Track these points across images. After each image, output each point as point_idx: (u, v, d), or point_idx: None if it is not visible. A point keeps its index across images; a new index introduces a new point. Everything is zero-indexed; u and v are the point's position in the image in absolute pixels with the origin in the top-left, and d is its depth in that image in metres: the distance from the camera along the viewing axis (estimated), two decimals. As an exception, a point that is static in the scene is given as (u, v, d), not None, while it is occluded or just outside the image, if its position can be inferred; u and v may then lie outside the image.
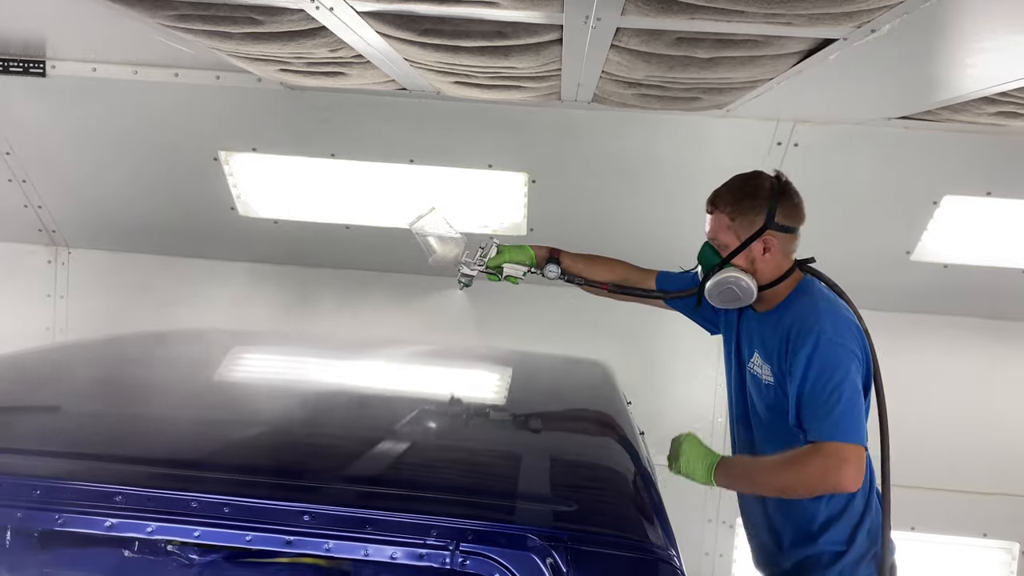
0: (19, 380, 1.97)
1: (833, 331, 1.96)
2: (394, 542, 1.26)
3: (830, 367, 1.92)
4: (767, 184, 2.11)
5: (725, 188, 2.15)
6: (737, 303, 2.12)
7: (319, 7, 1.89)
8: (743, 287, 2.07)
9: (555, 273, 2.40)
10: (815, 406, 1.91)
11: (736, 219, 2.09)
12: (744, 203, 2.09)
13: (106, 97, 3.50)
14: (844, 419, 1.89)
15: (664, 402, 3.81)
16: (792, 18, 1.65)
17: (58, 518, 1.29)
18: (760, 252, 2.08)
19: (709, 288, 2.11)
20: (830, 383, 1.91)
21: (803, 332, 1.97)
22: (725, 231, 2.11)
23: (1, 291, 4.30)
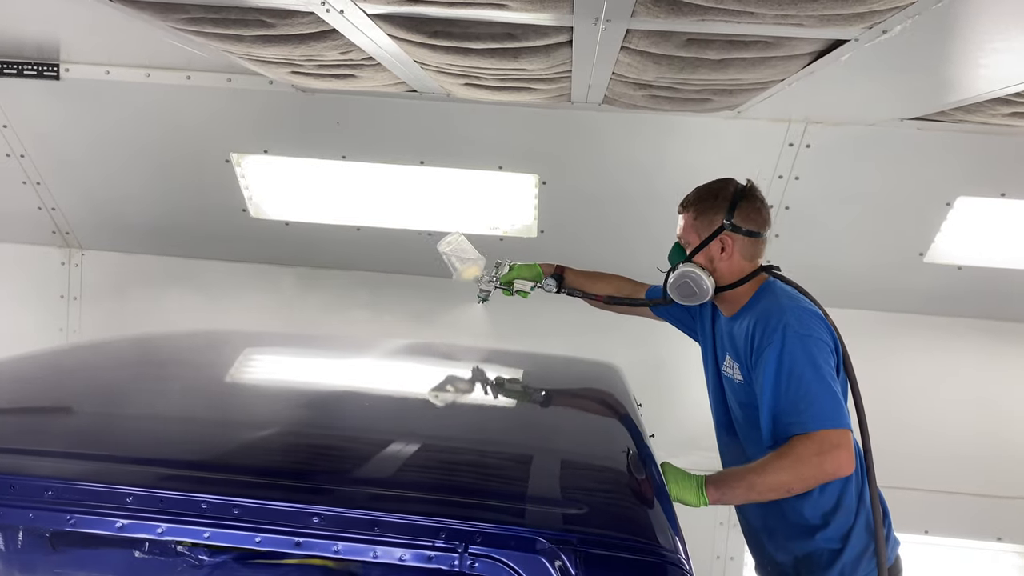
0: (32, 381, 1.98)
1: (798, 323, 2.00)
2: (403, 544, 1.25)
3: (801, 360, 1.95)
4: (731, 188, 2.20)
5: (694, 191, 2.26)
6: (694, 299, 2.19)
7: (329, 10, 1.90)
8: (698, 282, 2.15)
9: (552, 287, 2.62)
10: (794, 400, 1.93)
11: (698, 218, 2.19)
12: (706, 203, 2.19)
13: (119, 100, 3.53)
14: (824, 406, 1.91)
15: (674, 405, 3.80)
16: (803, 19, 1.64)
17: (69, 518, 1.29)
18: (718, 251, 2.16)
19: (670, 283, 2.20)
20: (804, 375, 1.93)
21: (768, 329, 2.01)
22: (689, 230, 2.21)
23: (16, 292, 4.33)
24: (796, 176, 3.46)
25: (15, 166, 3.89)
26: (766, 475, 1.91)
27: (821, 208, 3.61)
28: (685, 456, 4.04)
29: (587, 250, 3.79)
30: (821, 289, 2.49)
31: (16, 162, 3.88)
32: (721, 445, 2.37)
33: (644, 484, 1.54)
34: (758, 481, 1.91)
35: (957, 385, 4.01)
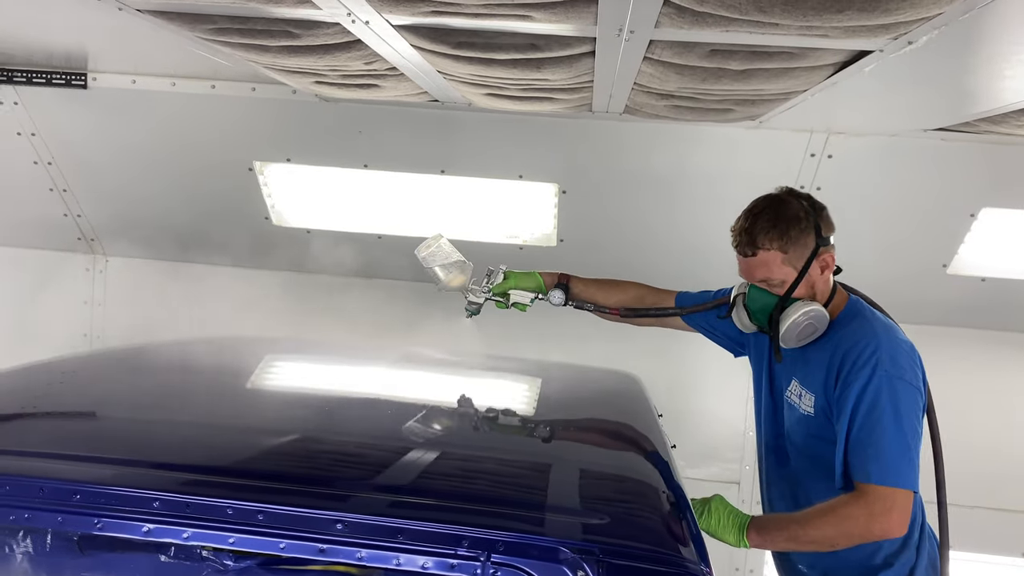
0: (60, 386, 2.01)
1: (891, 363, 1.82)
2: (426, 552, 1.26)
3: (884, 404, 1.78)
4: (797, 204, 1.97)
5: (761, 225, 1.94)
6: (815, 336, 1.96)
7: (355, 20, 1.92)
8: (818, 317, 1.93)
9: (559, 299, 2.35)
10: (865, 445, 1.79)
11: (789, 250, 1.92)
12: (792, 232, 1.92)
13: (145, 108, 3.57)
14: (896, 461, 1.76)
15: (695, 415, 3.79)
16: (828, 30, 1.64)
17: (97, 522, 1.31)
18: (819, 273, 1.96)
19: (786, 333, 1.93)
20: (882, 421, 1.78)
21: (859, 363, 1.83)
22: (779, 267, 1.94)
23: (41, 298, 4.38)
24: (818, 187, 3.44)
25: (43, 173, 3.95)
26: (811, 528, 1.80)
27: (843, 219, 3.53)
28: (706, 467, 4.03)
29: (607, 259, 3.79)
30: None
31: (44, 169, 3.93)
32: (767, 470, 2.19)
33: (667, 495, 1.54)
34: (801, 533, 1.81)
35: (981, 398, 3.97)
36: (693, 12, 1.61)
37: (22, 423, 1.76)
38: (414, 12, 1.82)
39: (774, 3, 1.46)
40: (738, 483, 4.00)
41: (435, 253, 2.37)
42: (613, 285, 2.44)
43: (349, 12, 1.85)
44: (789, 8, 1.47)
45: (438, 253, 2.37)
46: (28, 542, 1.33)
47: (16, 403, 1.86)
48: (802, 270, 1.93)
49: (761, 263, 1.94)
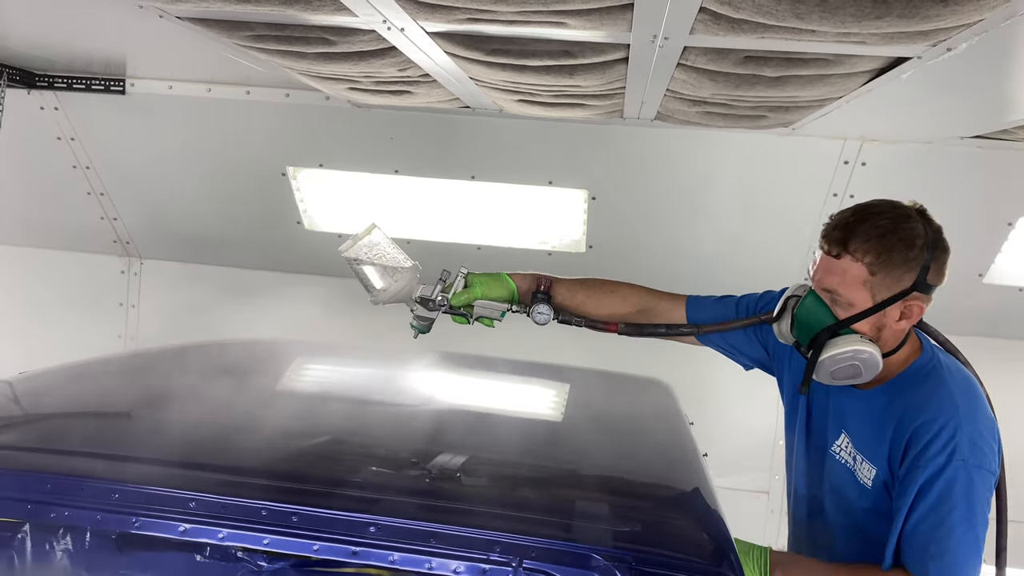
0: (98, 386, 2.04)
1: (971, 449, 1.53)
2: (458, 556, 1.26)
3: (957, 498, 1.53)
4: (921, 228, 1.60)
5: (867, 227, 1.59)
6: (852, 381, 1.65)
7: (390, 28, 1.93)
8: (868, 363, 1.60)
9: (545, 317, 1.85)
10: (928, 540, 1.55)
11: (878, 274, 1.58)
12: (895, 255, 1.57)
13: (181, 114, 3.63)
14: (956, 566, 1.53)
15: (724, 423, 3.76)
16: (866, 37, 1.62)
17: (135, 521, 1.33)
18: (895, 319, 1.61)
19: (823, 362, 1.62)
20: (952, 516, 1.53)
21: (934, 446, 1.54)
22: (857, 287, 1.59)
23: (77, 300, 4.47)
24: (851, 194, 3.41)
25: (81, 177, 4.02)
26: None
27: (876, 227, 3.55)
28: (735, 476, 3.99)
29: (636, 266, 3.76)
30: None
31: (82, 173, 4.01)
32: (797, 517, 1.92)
33: (700, 504, 1.53)
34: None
35: (1020, 409, 3.89)
36: (729, 19, 1.61)
37: (63, 422, 1.79)
38: (449, 19, 1.84)
39: (812, 10, 1.45)
40: (767, 492, 3.96)
41: (368, 250, 1.85)
42: (605, 290, 1.97)
43: (385, 19, 1.87)
44: (827, 15, 1.46)
45: (372, 250, 1.85)
46: (68, 540, 1.36)
47: (56, 402, 1.89)
48: (879, 304, 1.59)
49: (839, 269, 1.61)
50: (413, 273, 1.89)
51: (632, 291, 1.99)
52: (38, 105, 3.77)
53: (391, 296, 1.87)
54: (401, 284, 1.86)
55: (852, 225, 1.61)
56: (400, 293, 1.87)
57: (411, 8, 1.77)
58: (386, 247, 1.88)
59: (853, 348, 1.59)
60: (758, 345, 1.93)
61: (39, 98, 3.75)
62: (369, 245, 1.86)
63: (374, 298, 1.88)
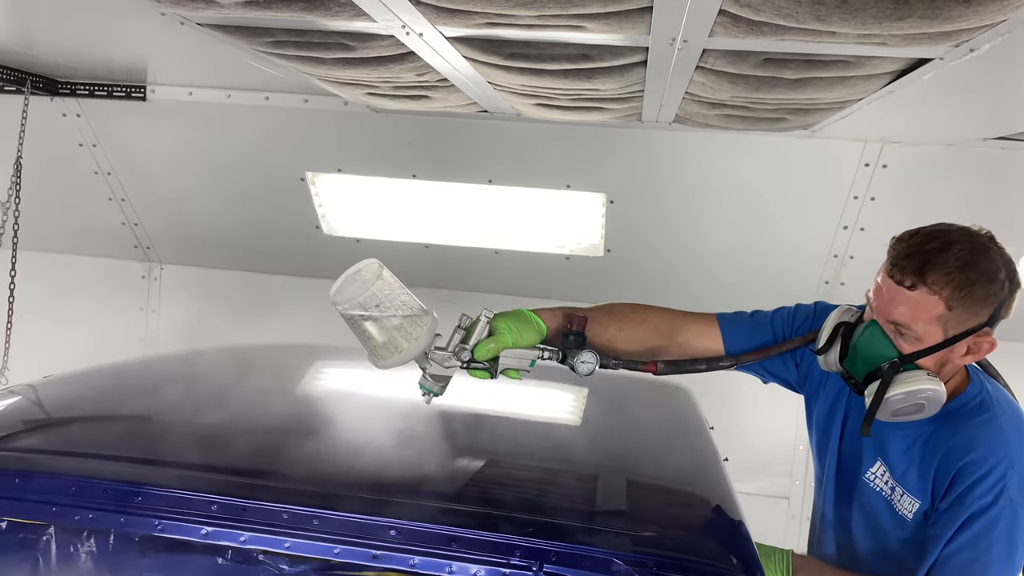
0: (120, 390, 2.06)
1: (1020, 491, 1.48)
2: (479, 560, 1.27)
3: (998, 536, 1.48)
4: (999, 262, 1.49)
5: (950, 261, 1.46)
6: (912, 418, 1.55)
7: (409, 33, 1.94)
8: (932, 400, 1.50)
9: (591, 366, 1.62)
10: (961, 571, 1.50)
11: (956, 308, 1.47)
12: (977, 291, 1.47)
13: (200, 120, 3.67)
14: None
15: (745, 428, 3.73)
16: (887, 38, 1.61)
17: (158, 524, 1.34)
18: (961, 353, 1.52)
19: (887, 402, 1.51)
20: (991, 553, 1.48)
21: (981, 484, 1.48)
22: (930, 321, 1.48)
23: (99, 304, 4.51)
24: (872, 197, 3.38)
25: (102, 183, 4.07)
26: None
27: (897, 229, 3.51)
28: (754, 481, 3.96)
29: (654, 270, 3.77)
30: None
31: (103, 179, 4.05)
32: (824, 544, 1.85)
33: (721, 509, 1.52)
34: None
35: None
36: (749, 21, 1.60)
37: (86, 426, 1.81)
38: (468, 24, 1.84)
39: (832, 12, 1.44)
40: (788, 498, 3.93)
41: (373, 299, 1.44)
42: (635, 320, 1.79)
43: (404, 25, 1.88)
44: (848, 17, 1.45)
45: (379, 299, 1.45)
46: (92, 542, 1.37)
47: (81, 406, 1.91)
48: (949, 339, 1.49)
49: (913, 303, 1.48)
50: (432, 324, 1.51)
51: (659, 317, 1.81)
52: (61, 112, 3.81)
53: (409, 357, 1.49)
54: (415, 340, 1.47)
55: (930, 255, 1.48)
56: (413, 351, 1.48)
57: (430, 13, 1.78)
58: (398, 292, 1.48)
59: (924, 387, 1.49)
60: (791, 365, 1.83)
61: (62, 105, 3.80)
62: (378, 293, 1.45)
63: (383, 363, 1.50)
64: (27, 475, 1.42)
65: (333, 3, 1.76)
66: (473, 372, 1.60)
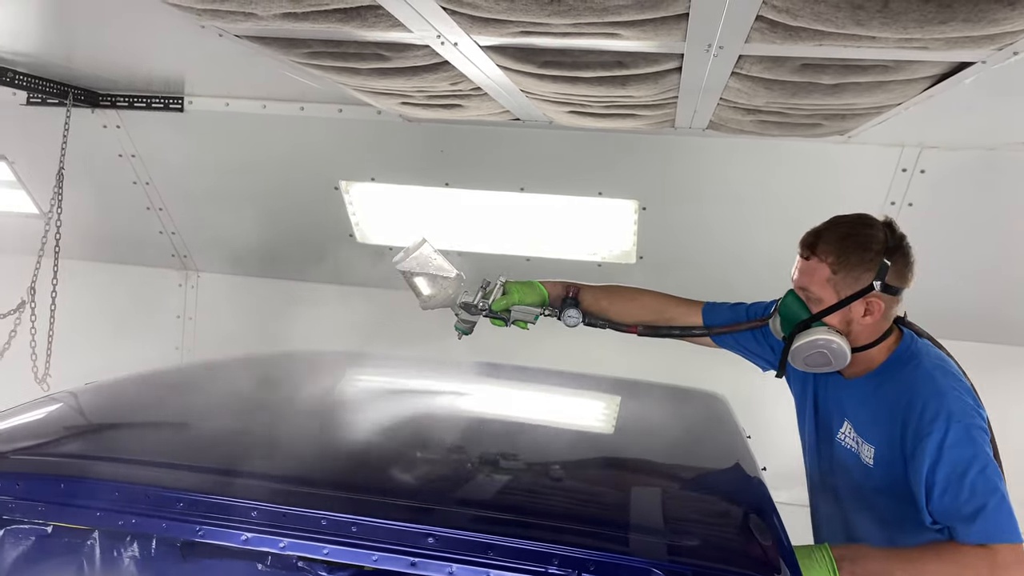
0: (160, 397, 2.09)
1: (961, 410, 1.68)
2: (516, 569, 1.26)
3: (967, 457, 1.64)
4: (881, 235, 1.81)
5: (830, 232, 1.84)
6: (825, 369, 1.85)
7: (444, 43, 1.95)
8: (836, 352, 1.80)
9: (575, 320, 2.10)
10: (958, 504, 1.63)
11: (839, 272, 1.80)
12: (852, 255, 1.79)
13: (237, 130, 3.72)
14: (996, 516, 1.61)
15: (783, 437, 3.68)
16: (928, 42, 1.59)
17: (199, 530, 1.36)
18: (860, 314, 1.80)
19: (795, 349, 1.83)
20: (969, 475, 1.63)
21: (926, 416, 1.69)
22: (822, 284, 1.82)
23: (137, 312, 4.59)
24: (909, 203, 3.33)
25: (141, 193, 4.14)
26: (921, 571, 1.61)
27: (936, 236, 3.46)
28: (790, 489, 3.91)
29: (687, 277, 3.74)
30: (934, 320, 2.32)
31: (142, 189, 4.12)
32: (819, 512, 2.05)
33: (760, 519, 1.50)
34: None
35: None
36: (786, 27, 1.59)
37: (128, 432, 1.84)
38: (503, 33, 1.85)
39: (873, 16, 1.42)
40: (824, 508, 3.87)
41: (418, 262, 2.06)
42: (627, 296, 2.21)
43: (439, 35, 1.89)
44: (889, 21, 1.44)
45: (422, 262, 2.06)
46: (135, 547, 1.39)
47: (122, 413, 1.94)
48: (842, 301, 1.79)
49: (809, 269, 1.84)
50: (458, 282, 2.09)
51: (651, 298, 2.22)
52: (101, 124, 3.89)
53: (438, 302, 2.08)
54: (447, 292, 2.07)
55: (819, 231, 1.86)
56: (446, 300, 2.08)
57: (465, 23, 1.79)
58: (434, 259, 2.08)
59: (819, 337, 1.80)
60: (767, 347, 2.11)
61: (102, 117, 3.88)
62: (419, 257, 2.07)
63: (423, 304, 2.09)
64: (72, 481, 1.44)
65: (370, 14, 1.78)
66: (493, 321, 2.15)
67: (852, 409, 1.88)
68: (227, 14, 1.86)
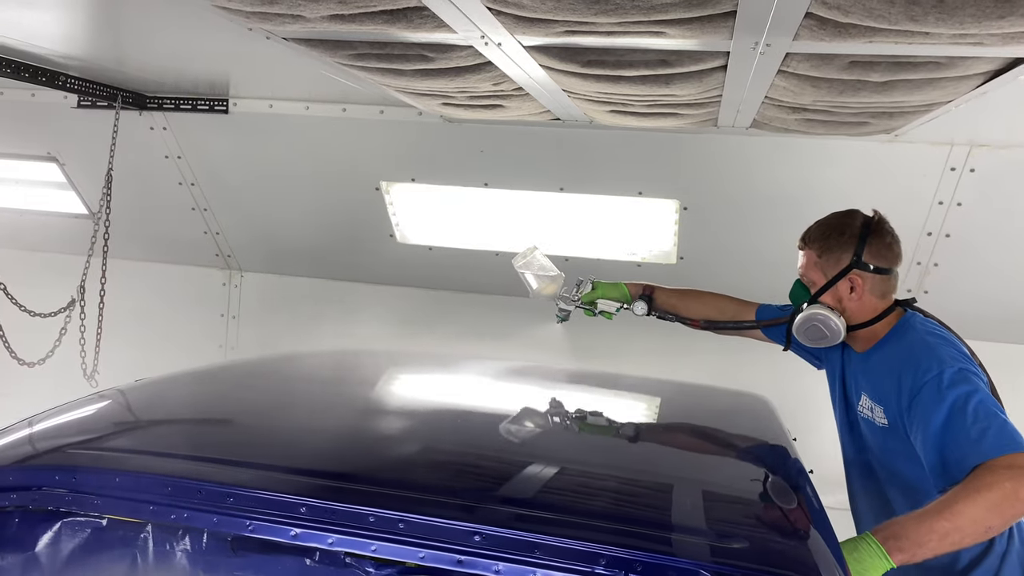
0: (209, 393, 2.12)
1: (951, 359, 1.86)
2: (562, 568, 1.26)
3: (964, 393, 1.79)
4: (857, 222, 2.08)
5: (817, 224, 2.15)
6: (825, 342, 2.09)
7: (488, 43, 1.96)
8: (829, 326, 2.05)
9: (642, 310, 2.50)
10: (965, 437, 1.73)
11: (823, 256, 2.09)
12: (831, 240, 2.08)
13: (280, 131, 3.77)
14: (1002, 433, 1.71)
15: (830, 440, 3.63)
16: (984, 38, 1.55)
17: (248, 524, 1.38)
18: (847, 291, 2.05)
19: (796, 325, 2.10)
20: (972, 407, 1.76)
21: (920, 371, 1.86)
22: (813, 268, 2.11)
23: (182, 311, 4.67)
24: (958, 202, 3.27)
25: (186, 193, 4.21)
26: (957, 516, 1.61)
27: (984, 236, 3.39)
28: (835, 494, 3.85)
29: (728, 278, 3.69)
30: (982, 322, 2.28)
31: (187, 190, 4.20)
32: (855, 488, 2.20)
33: (808, 522, 1.48)
34: (950, 527, 1.61)
35: None
36: (836, 23, 1.57)
37: (180, 428, 1.87)
38: (547, 33, 1.85)
39: (928, 12, 1.40)
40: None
41: (530, 263, 2.54)
42: (696, 296, 2.55)
43: (483, 35, 1.90)
44: (944, 16, 1.41)
45: (533, 263, 2.54)
46: (187, 540, 1.41)
47: (173, 409, 1.98)
48: (830, 281, 2.06)
49: (804, 257, 2.14)
50: (559, 280, 2.56)
51: (715, 298, 2.54)
52: (148, 126, 3.97)
53: (543, 295, 2.56)
54: (551, 287, 2.55)
55: (811, 226, 2.17)
56: (549, 293, 2.56)
57: (510, 23, 1.79)
58: (542, 262, 2.57)
59: (814, 312, 2.06)
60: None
61: (149, 119, 3.95)
62: (532, 259, 2.56)
63: (531, 295, 2.57)
64: (126, 475, 1.47)
65: (415, 15, 1.79)
66: (585, 311, 2.58)
67: (864, 380, 2.08)
68: (275, 17, 1.88)
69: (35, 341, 4.00)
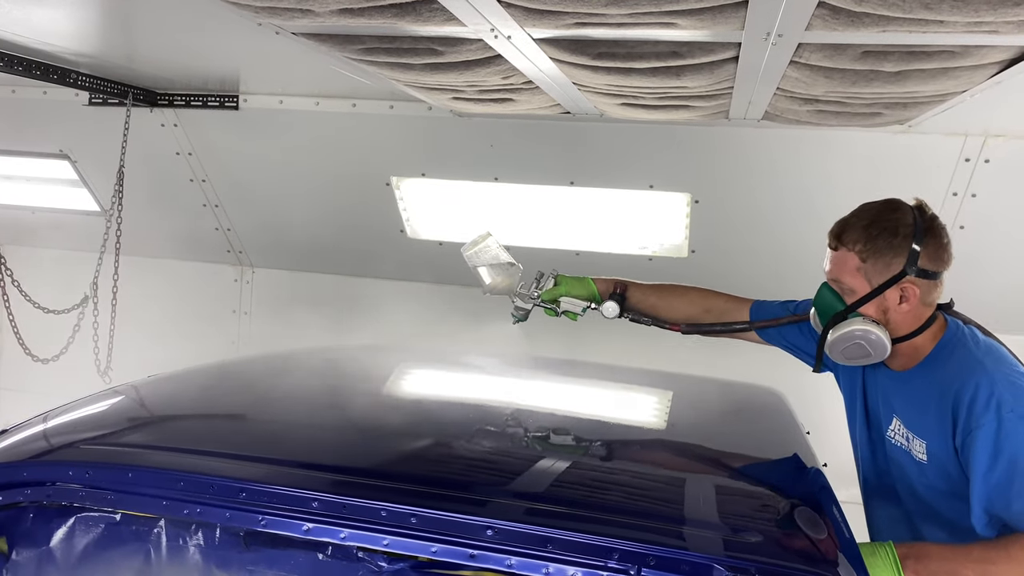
0: (222, 389, 2.13)
1: (1014, 399, 1.60)
2: (575, 562, 1.25)
3: (1018, 447, 1.58)
4: (909, 218, 1.73)
5: (856, 220, 1.78)
6: (866, 361, 1.77)
7: (498, 36, 1.95)
8: (875, 343, 1.72)
9: (613, 311, 2.14)
10: (1018, 494, 1.57)
11: (868, 260, 1.73)
12: (880, 241, 1.72)
13: (290, 127, 3.77)
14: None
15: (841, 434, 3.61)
16: (999, 26, 1.54)
17: (261, 519, 1.38)
18: (895, 302, 1.72)
19: (831, 342, 1.76)
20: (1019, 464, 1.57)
21: (977, 407, 1.61)
22: (853, 273, 1.75)
23: (195, 307, 4.69)
24: (973, 193, 3.23)
25: (197, 190, 4.23)
26: (988, 572, 1.54)
27: (1000, 227, 3.36)
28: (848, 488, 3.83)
29: (741, 271, 3.68)
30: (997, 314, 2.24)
31: (198, 186, 4.21)
32: (872, 507, 1.98)
33: (822, 515, 1.47)
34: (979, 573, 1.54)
35: None
36: (849, 13, 1.55)
37: (193, 423, 1.88)
38: (557, 25, 1.84)
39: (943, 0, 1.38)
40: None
41: (481, 252, 2.23)
42: (679, 293, 2.20)
43: (493, 28, 1.89)
44: (960, 4, 1.39)
45: (485, 253, 2.22)
46: (199, 535, 1.42)
47: (186, 404, 1.99)
48: (876, 289, 1.73)
49: (838, 260, 1.78)
50: (515, 273, 2.23)
51: (700, 295, 2.20)
52: (159, 122, 3.98)
53: (497, 290, 2.24)
54: (506, 281, 2.23)
55: (845, 219, 1.80)
56: (505, 288, 2.23)
57: (519, 15, 1.79)
58: (496, 251, 2.24)
59: (855, 328, 1.72)
60: (813, 343, 1.98)
61: (160, 116, 3.97)
62: (484, 248, 2.24)
63: (483, 290, 2.26)
64: (139, 470, 1.48)
65: (424, 8, 1.78)
66: (545, 310, 2.23)
67: (900, 404, 1.81)
68: (284, 11, 1.88)
69: (49, 337, 4.03)
